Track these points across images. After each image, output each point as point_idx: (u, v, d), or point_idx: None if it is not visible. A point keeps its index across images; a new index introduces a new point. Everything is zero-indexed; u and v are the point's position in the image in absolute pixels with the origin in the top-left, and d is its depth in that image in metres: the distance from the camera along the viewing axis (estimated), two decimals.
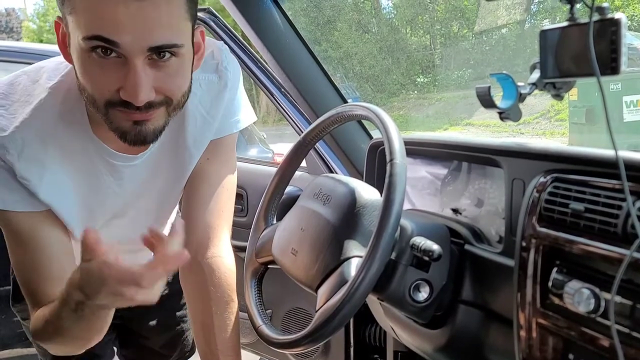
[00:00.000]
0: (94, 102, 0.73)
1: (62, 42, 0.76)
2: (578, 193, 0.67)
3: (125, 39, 0.67)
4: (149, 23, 0.68)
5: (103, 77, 0.70)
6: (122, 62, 0.69)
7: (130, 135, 0.75)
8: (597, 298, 0.61)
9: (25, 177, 0.80)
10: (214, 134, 0.96)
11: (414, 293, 0.82)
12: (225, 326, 0.93)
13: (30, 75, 0.84)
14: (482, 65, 11.33)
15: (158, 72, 0.72)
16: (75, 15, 0.68)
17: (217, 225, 0.97)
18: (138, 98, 0.70)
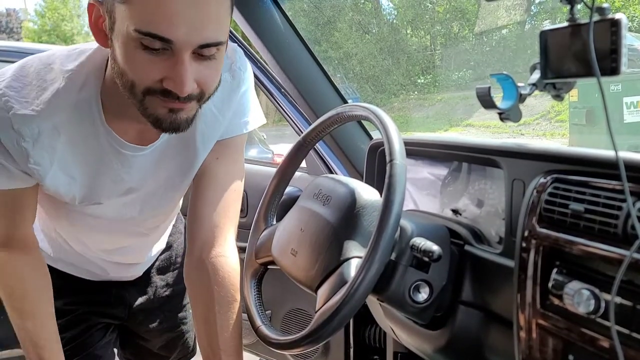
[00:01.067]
0: (132, 88, 0.75)
1: (95, 25, 0.77)
2: (578, 194, 0.67)
3: (178, 36, 0.69)
4: (201, 20, 0.70)
5: (149, 66, 0.72)
6: (169, 54, 0.71)
7: (165, 122, 0.78)
8: (597, 299, 0.61)
9: (37, 162, 0.83)
10: (222, 133, 0.97)
11: (413, 294, 0.82)
12: (228, 326, 0.93)
13: (42, 59, 0.84)
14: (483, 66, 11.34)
15: (200, 65, 0.74)
16: (129, 5, 0.69)
17: (223, 224, 0.97)
18: (184, 89, 0.72)
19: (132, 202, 0.99)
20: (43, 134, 0.81)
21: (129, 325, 1.25)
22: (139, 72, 0.73)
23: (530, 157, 0.79)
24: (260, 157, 3.33)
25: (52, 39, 22.39)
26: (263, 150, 3.62)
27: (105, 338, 1.18)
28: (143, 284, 1.23)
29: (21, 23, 26.55)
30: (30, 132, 0.80)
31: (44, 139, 0.81)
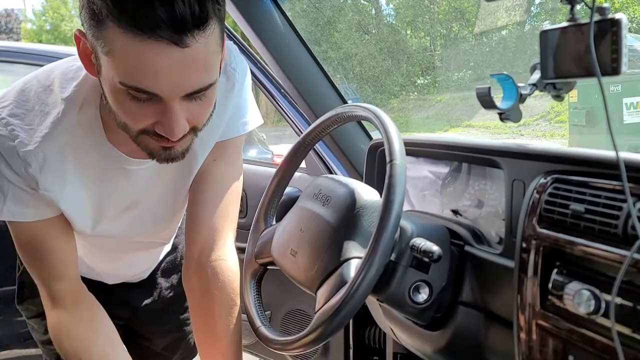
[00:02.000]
0: (125, 128, 0.75)
1: (85, 55, 0.74)
2: (578, 194, 0.67)
3: (164, 89, 0.67)
4: (189, 70, 0.67)
5: (139, 113, 0.71)
6: (158, 99, 0.69)
7: (160, 157, 0.78)
8: (598, 299, 0.61)
9: (48, 188, 0.82)
10: (220, 135, 0.96)
11: (413, 294, 0.82)
12: (228, 330, 0.92)
13: (40, 81, 0.83)
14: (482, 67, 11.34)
15: (190, 105, 0.72)
16: (111, 57, 0.66)
17: (222, 227, 0.96)
18: (174, 134, 0.72)
19: (139, 216, 0.98)
20: (49, 159, 0.80)
21: (132, 325, 1.25)
22: (130, 118, 0.72)
23: (531, 157, 0.79)
24: (260, 157, 3.33)
25: (51, 39, 22.40)
26: (262, 151, 3.62)
27: None
28: (148, 286, 1.23)
29: (20, 23, 26.55)
30: (35, 159, 0.79)
31: (51, 163, 0.81)
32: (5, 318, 1.80)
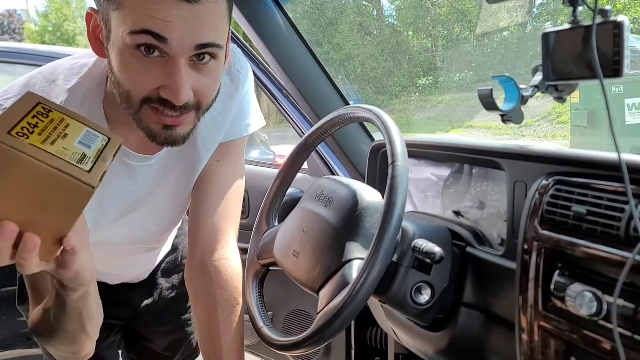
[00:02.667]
0: (129, 99, 0.74)
1: (94, 35, 0.76)
2: (580, 196, 0.67)
3: (174, 36, 0.68)
4: (198, 24, 0.69)
5: (145, 74, 0.71)
6: (165, 61, 0.70)
7: (160, 137, 0.77)
8: (600, 301, 0.61)
9: None
10: (224, 136, 0.97)
11: (415, 295, 0.82)
12: (230, 329, 0.92)
13: (45, 76, 0.84)
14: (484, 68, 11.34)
15: (197, 74, 0.73)
16: (122, 10, 0.69)
17: (225, 227, 0.97)
18: (180, 97, 0.71)
19: (141, 220, 0.98)
20: None
21: (133, 326, 1.25)
22: (135, 80, 0.72)
23: (532, 159, 0.79)
24: (262, 158, 3.34)
25: (54, 40, 22.44)
26: (265, 152, 3.62)
27: (109, 339, 1.18)
28: (148, 286, 1.23)
29: (23, 24, 26.62)
30: None
31: None
32: (8, 318, 1.80)
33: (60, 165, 0.55)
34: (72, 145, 0.58)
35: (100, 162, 0.59)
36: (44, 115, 0.60)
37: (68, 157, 0.56)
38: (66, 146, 0.57)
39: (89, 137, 0.61)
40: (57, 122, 0.60)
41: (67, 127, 0.60)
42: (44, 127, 0.58)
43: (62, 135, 0.58)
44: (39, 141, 0.55)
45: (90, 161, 0.58)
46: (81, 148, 0.58)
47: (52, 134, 0.57)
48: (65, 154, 0.56)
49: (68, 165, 0.55)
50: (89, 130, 0.62)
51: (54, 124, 0.59)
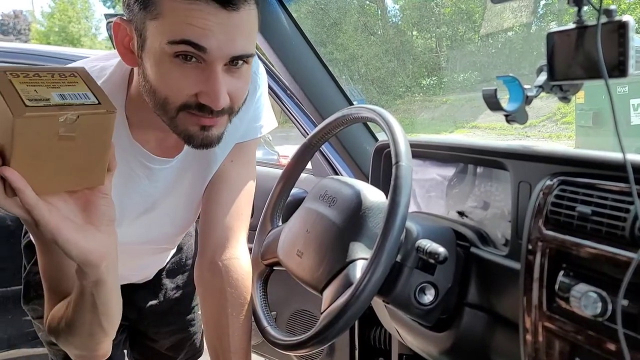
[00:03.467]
0: (166, 105, 0.75)
1: (122, 44, 0.78)
2: (585, 196, 0.66)
3: (212, 45, 0.70)
4: (235, 32, 0.71)
5: (183, 81, 0.72)
6: (202, 67, 0.72)
7: (197, 139, 0.78)
8: (604, 302, 0.61)
9: None
10: (240, 136, 0.98)
11: (419, 296, 0.82)
12: (239, 327, 0.93)
13: None
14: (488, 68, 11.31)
15: (231, 78, 0.75)
16: (161, 19, 0.70)
17: (236, 227, 0.97)
18: (219, 103, 0.73)
19: (157, 219, 0.98)
20: None
21: (137, 326, 1.25)
22: (173, 87, 0.73)
23: (537, 159, 0.78)
24: (266, 158, 3.34)
25: (59, 41, 22.55)
26: (268, 152, 3.63)
27: (116, 338, 1.18)
28: (153, 287, 1.23)
29: (29, 25, 26.74)
30: None
31: None
32: (14, 317, 1.81)
33: (6, 94, 0.55)
34: (45, 91, 0.58)
35: (55, 108, 0.57)
36: (65, 75, 0.61)
37: (25, 94, 0.56)
38: (39, 90, 0.57)
39: (77, 95, 0.60)
40: (66, 79, 0.60)
41: (67, 85, 0.60)
42: (48, 77, 0.59)
43: (50, 85, 0.59)
44: (19, 81, 0.57)
45: (45, 104, 0.57)
46: (53, 97, 0.58)
47: (42, 83, 0.58)
48: (26, 92, 0.56)
49: (11, 97, 0.55)
50: (84, 93, 0.61)
51: (61, 80, 0.60)
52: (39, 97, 0.57)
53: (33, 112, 0.55)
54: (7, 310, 1.80)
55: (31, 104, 0.56)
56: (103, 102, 0.61)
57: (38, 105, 0.56)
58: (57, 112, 0.57)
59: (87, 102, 0.60)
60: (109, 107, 0.60)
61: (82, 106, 0.59)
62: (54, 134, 0.57)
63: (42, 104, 0.56)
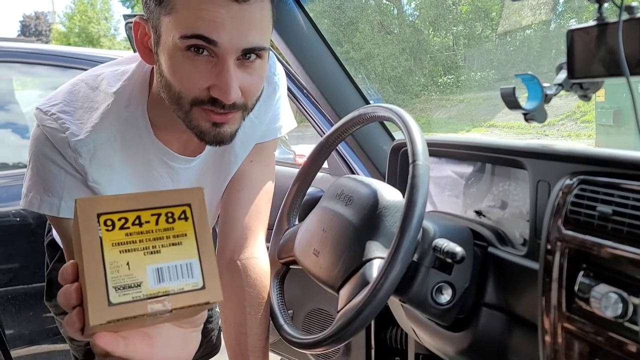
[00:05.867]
0: (179, 100, 0.76)
1: (141, 43, 0.79)
2: (606, 195, 0.65)
3: (223, 39, 0.70)
4: (246, 25, 0.71)
5: (195, 75, 0.73)
6: (214, 61, 0.73)
7: (209, 135, 0.78)
8: (625, 302, 0.60)
9: (96, 180, 0.84)
10: (259, 137, 0.99)
11: (436, 295, 0.81)
12: (257, 326, 0.94)
13: (88, 83, 0.86)
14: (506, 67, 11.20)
15: (244, 72, 0.75)
16: (174, 15, 0.71)
17: (255, 227, 0.98)
18: (230, 96, 0.73)
19: None
20: (98, 149, 0.82)
21: None
22: (186, 81, 0.74)
23: (556, 158, 0.78)
24: (283, 157, 3.35)
25: (79, 42, 22.87)
26: (285, 151, 3.64)
27: None
28: None
29: (50, 26, 27.15)
30: (86, 149, 0.81)
31: (101, 154, 0.83)
32: (35, 314, 1.84)
33: (89, 276, 0.44)
34: (139, 265, 0.45)
35: (146, 303, 0.45)
36: (174, 217, 0.48)
37: (113, 278, 0.44)
38: (132, 263, 0.45)
39: (179, 270, 0.47)
40: (173, 229, 0.47)
41: (172, 243, 0.47)
42: (151, 224, 0.47)
43: (149, 249, 0.46)
44: (112, 242, 0.45)
45: (134, 297, 0.44)
46: (147, 278, 0.45)
47: (140, 242, 0.46)
48: (115, 272, 0.45)
49: (96, 282, 0.44)
50: (189, 265, 0.47)
51: (166, 230, 0.47)
52: (130, 281, 0.45)
53: (114, 316, 0.44)
54: (28, 306, 1.84)
55: (116, 300, 0.44)
56: (208, 285, 0.47)
57: (124, 300, 0.44)
58: (145, 311, 0.44)
59: (187, 288, 0.46)
60: (212, 296, 0.47)
61: (180, 295, 0.46)
62: (138, 321, 0.46)
63: (130, 298, 0.44)
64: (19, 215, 1.84)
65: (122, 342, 0.49)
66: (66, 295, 0.47)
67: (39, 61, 2.08)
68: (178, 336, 0.54)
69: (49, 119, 0.81)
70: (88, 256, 0.44)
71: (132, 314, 0.44)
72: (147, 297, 0.45)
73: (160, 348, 0.53)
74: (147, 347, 0.52)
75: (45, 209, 0.82)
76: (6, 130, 2.11)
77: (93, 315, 0.43)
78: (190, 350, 0.57)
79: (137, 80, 0.85)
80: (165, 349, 0.53)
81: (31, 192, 0.83)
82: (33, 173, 0.83)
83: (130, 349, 0.50)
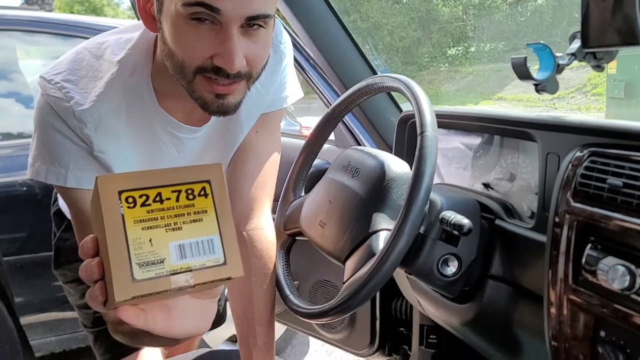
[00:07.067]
0: (182, 69, 0.75)
1: (144, 10, 0.78)
2: (616, 168, 0.64)
3: (226, 6, 0.69)
4: None
5: (198, 42, 0.72)
6: (217, 29, 0.71)
7: (212, 106, 0.77)
8: (633, 275, 0.60)
9: (102, 150, 0.83)
10: (265, 107, 0.98)
11: (442, 267, 0.82)
12: (263, 297, 0.95)
13: (92, 52, 0.85)
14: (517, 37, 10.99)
15: (248, 40, 0.74)
16: None
17: (261, 198, 0.98)
18: (233, 65, 0.72)
19: None
20: (103, 118, 0.82)
21: None
22: (189, 50, 0.73)
23: (567, 130, 0.76)
24: (288, 129, 3.33)
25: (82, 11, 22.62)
26: (291, 123, 3.61)
27: None
28: None
29: None
30: (91, 118, 0.81)
31: (106, 123, 0.82)
32: (44, 282, 1.87)
33: (113, 252, 0.45)
34: (162, 243, 0.46)
35: (170, 279, 0.46)
36: (194, 193, 0.48)
37: (136, 255, 0.45)
38: (155, 241, 0.46)
39: (200, 247, 0.48)
40: (194, 206, 0.48)
41: (192, 220, 0.48)
42: (172, 201, 0.47)
43: (170, 225, 0.47)
44: (134, 219, 0.46)
45: (158, 273, 0.45)
46: (170, 255, 0.46)
47: (162, 219, 0.47)
48: (138, 249, 0.45)
49: (119, 259, 0.45)
50: (210, 241, 0.48)
51: (187, 207, 0.48)
52: (153, 258, 0.45)
53: (138, 292, 0.45)
54: (37, 275, 1.87)
55: (140, 276, 0.45)
56: (229, 261, 0.48)
57: (148, 277, 0.45)
58: (169, 286, 0.46)
59: (209, 263, 0.47)
60: (234, 271, 0.48)
61: (203, 270, 0.47)
62: (160, 296, 0.47)
63: (153, 274, 0.45)
64: (26, 185, 1.85)
65: (143, 314, 0.50)
66: (88, 269, 0.48)
67: (42, 30, 2.06)
68: (196, 307, 0.56)
69: (53, 87, 0.80)
70: (111, 233, 0.45)
71: (156, 289, 0.45)
72: (171, 273, 0.46)
73: (179, 319, 0.54)
74: (166, 318, 0.53)
75: (52, 178, 0.82)
76: (10, 99, 2.10)
77: (118, 291, 0.44)
78: (208, 321, 0.58)
79: (141, 48, 0.84)
80: (184, 320, 0.55)
81: (37, 161, 0.82)
82: (38, 143, 0.82)
83: (150, 321, 0.51)
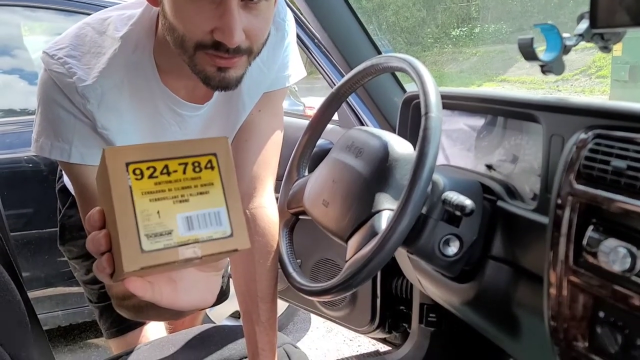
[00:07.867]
0: (182, 44, 0.74)
1: None
2: (621, 150, 0.65)
3: None
4: None
5: (197, 17, 0.71)
6: (217, 2, 0.70)
7: (214, 80, 0.77)
8: (634, 257, 0.60)
9: (105, 126, 0.83)
10: (268, 86, 0.97)
11: (443, 247, 0.82)
12: (266, 274, 0.96)
13: (95, 27, 0.84)
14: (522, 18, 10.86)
15: (248, 14, 0.73)
16: None
17: (264, 176, 0.98)
18: (233, 39, 0.71)
19: None
20: (106, 94, 0.81)
21: None
22: (189, 24, 0.72)
23: (571, 111, 0.76)
24: (292, 109, 3.32)
25: None
26: (294, 103, 3.60)
27: None
28: None
29: None
30: (94, 94, 0.80)
31: (109, 99, 0.82)
32: (50, 258, 1.89)
33: (121, 224, 0.45)
34: (169, 214, 0.46)
35: (177, 250, 0.46)
36: (201, 166, 0.49)
37: (144, 226, 0.45)
38: (162, 212, 0.46)
39: (207, 218, 0.48)
40: (200, 178, 0.48)
41: (199, 192, 0.48)
42: (179, 173, 0.48)
43: (177, 197, 0.47)
44: (142, 191, 0.46)
45: (165, 245, 0.46)
46: (177, 226, 0.46)
47: (169, 190, 0.47)
48: (146, 220, 0.46)
49: (128, 230, 0.45)
50: (216, 213, 0.48)
51: (194, 180, 0.48)
52: (161, 229, 0.46)
53: (147, 263, 0.45)
54: (42, 251, 1.88)
55: (148, 247, 0.45)
56: (236, 233, 0.49)
57: (156, 248, 0.45)
58: (176, 258, 0.46)
59: (216, 235, 0.48)
60: (240, 243, 0.49)
61: (210, 242, 0.47)
62: (168, 267, 0.48)
63: (161, 245, 0.46)
64: (31, 161, 1.86)
65: (150, 286, 0.51)
66: (95, 241, 0.48)
67: (45, 5, 2.04)
68: (201, 280, 0.56)
69: (56, 63, 0.80)
70: (119, 205, 0.45)
71: (164, 260, 0.46)
72: (178, 244, 0.46)
73: (184, 292, 0.55)
74: (172, 291, 0.54)
75: (56, 154, 0.83)
76: (15, 76, 2.10)
77: (126, 262, 0.45)
78: (213, 293, 0.59)
79: (143, 24, 0.83)
80: (190, 292, 0.55)
81: (41, 137, 0.83)
82: (42, 118, 0.82)
83: (157, 293, 0.52)
